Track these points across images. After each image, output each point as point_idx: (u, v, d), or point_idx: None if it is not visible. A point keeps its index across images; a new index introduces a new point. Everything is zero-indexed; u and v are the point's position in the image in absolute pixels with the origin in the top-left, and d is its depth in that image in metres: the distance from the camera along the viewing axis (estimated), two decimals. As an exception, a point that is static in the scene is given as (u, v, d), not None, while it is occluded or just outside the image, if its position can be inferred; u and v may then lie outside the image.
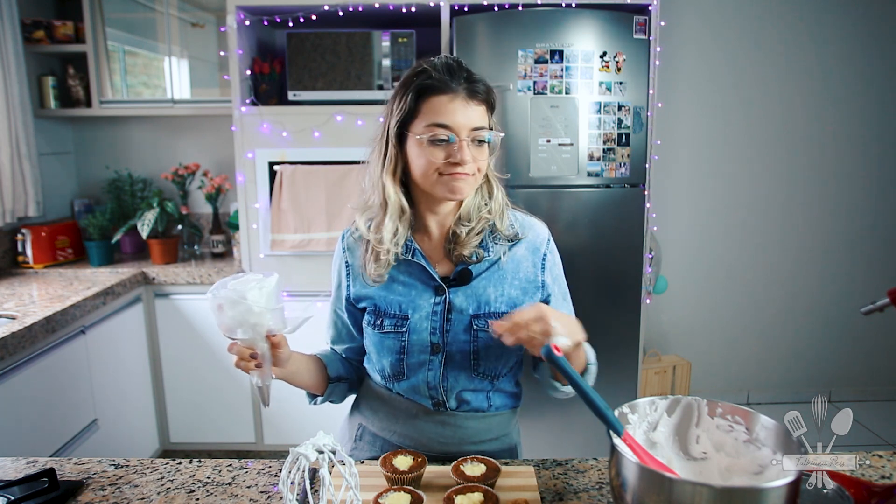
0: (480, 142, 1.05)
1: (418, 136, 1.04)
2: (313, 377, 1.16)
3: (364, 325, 1.16)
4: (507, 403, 1.19)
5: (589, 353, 1.09)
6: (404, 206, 1.10)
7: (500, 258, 1.12)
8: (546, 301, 1.15)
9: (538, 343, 0.91)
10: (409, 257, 1.11)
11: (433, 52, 2.47)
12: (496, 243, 1.13)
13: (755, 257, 3.23)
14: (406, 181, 1.12)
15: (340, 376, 1.21)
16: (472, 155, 1.04)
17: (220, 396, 2.65)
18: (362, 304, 1.16)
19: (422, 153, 1.04)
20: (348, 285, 1.17)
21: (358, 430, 1.24)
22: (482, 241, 1.12)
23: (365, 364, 1.23)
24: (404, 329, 1.11)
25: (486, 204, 1.13)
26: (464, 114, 1.03)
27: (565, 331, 0.91)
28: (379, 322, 1.12)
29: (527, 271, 1.13)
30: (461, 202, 1.12)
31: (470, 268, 1.10)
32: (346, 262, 1.18)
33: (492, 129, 1.08)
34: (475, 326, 1.09)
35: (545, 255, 1.15)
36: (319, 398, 1.21)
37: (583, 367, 1.06)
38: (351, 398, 1.29)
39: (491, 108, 1.09)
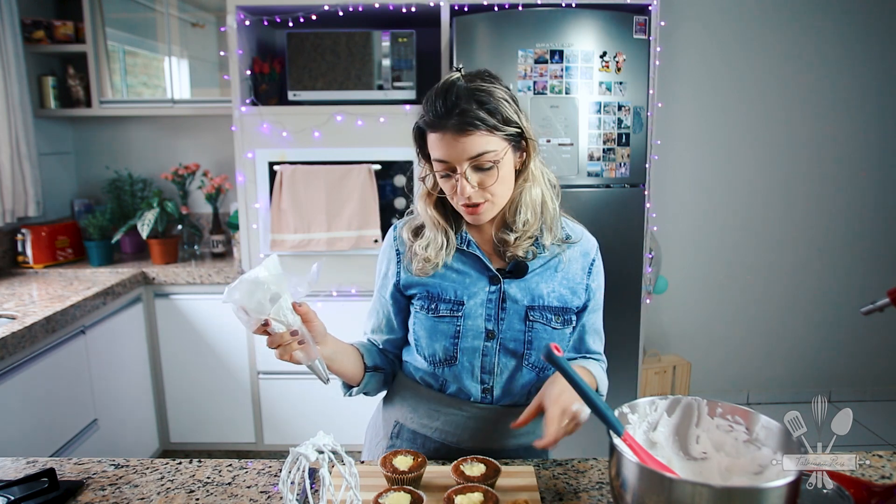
0: (484, 168, 1.03)
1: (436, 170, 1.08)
2: (352, 362, 1.14)
3: (415, 310, 1.16)
4: None
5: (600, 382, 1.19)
6: (441, 222, 1.13)
7: (554, 256, 1.15)
8: (585, 306, 1.19)
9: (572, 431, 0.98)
10: (465, 248, 1.14)
11: (433, 53, 2.50)
12: (551, 242, 1.15)
13: (755, 257, 3.23)
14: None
15: (377, 366, 1.20)
16: (479, 181, 1.04)
17: (220, 396, 2.65)
18: (412, 291, 1.16)
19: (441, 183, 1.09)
20: (398, 272, 1.17)
21: (395, 428, 1.22)
22: (535, 241, 1.14)
23: (405, 357, 1.23)
24: (460, 314, 1.12)
25: (531, 216, 1.11)
26: (455, 148, 1.02)
27: (585, 407, 0.95)
28: (433, 307, 1.13)
29: (575, 273, 1.17)
30: (503, 214, 1.13)
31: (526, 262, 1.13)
32: (398, 250, 1.18)
33: (497, 149, 1.03)
34: (531, 318, 1.11)
35: (593, 260, 1.20)
36: (355, 388, 1.18)
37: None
38: (382, 394, 1.28)
39: (493, 126, 1.02)
